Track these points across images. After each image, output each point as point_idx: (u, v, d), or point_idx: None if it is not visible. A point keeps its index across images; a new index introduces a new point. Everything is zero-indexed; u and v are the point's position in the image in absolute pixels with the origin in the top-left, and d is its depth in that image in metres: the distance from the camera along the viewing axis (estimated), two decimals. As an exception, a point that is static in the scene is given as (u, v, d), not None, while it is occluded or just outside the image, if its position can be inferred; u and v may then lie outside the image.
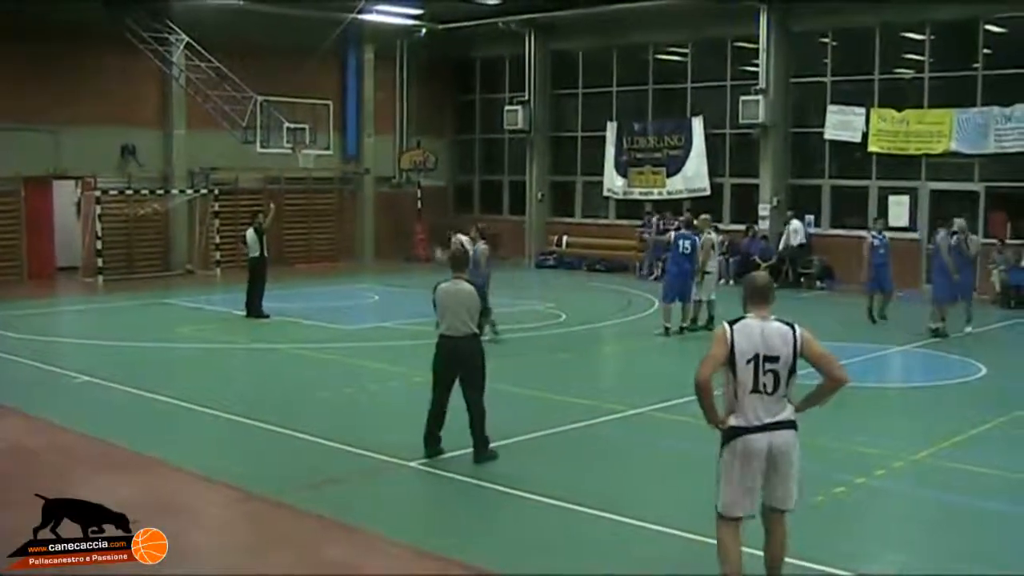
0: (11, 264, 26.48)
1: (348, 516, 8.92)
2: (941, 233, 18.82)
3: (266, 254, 20.60)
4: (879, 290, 19.79)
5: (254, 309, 20.22)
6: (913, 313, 20.06)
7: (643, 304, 22.87)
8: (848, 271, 26.14)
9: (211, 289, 25.60)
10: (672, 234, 19.36)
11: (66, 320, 22.06)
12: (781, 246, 26.80)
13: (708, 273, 18.91)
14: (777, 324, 6.80)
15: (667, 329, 18.46)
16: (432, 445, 10.51)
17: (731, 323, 6.83)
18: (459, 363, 10.39)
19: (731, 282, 26.16)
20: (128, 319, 21.35)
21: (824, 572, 7.73)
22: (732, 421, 6.77)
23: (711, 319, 18.70)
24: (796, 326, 6.82)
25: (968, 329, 18.72)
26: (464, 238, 17.60)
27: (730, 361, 6.69)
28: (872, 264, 19.62)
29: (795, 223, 26.79)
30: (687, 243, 18.62)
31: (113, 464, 10.65)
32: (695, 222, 19.63)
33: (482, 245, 17.28)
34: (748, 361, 6.68)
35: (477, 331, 10.45)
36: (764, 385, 6.69)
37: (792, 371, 6.73)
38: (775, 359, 6.68)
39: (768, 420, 6.71)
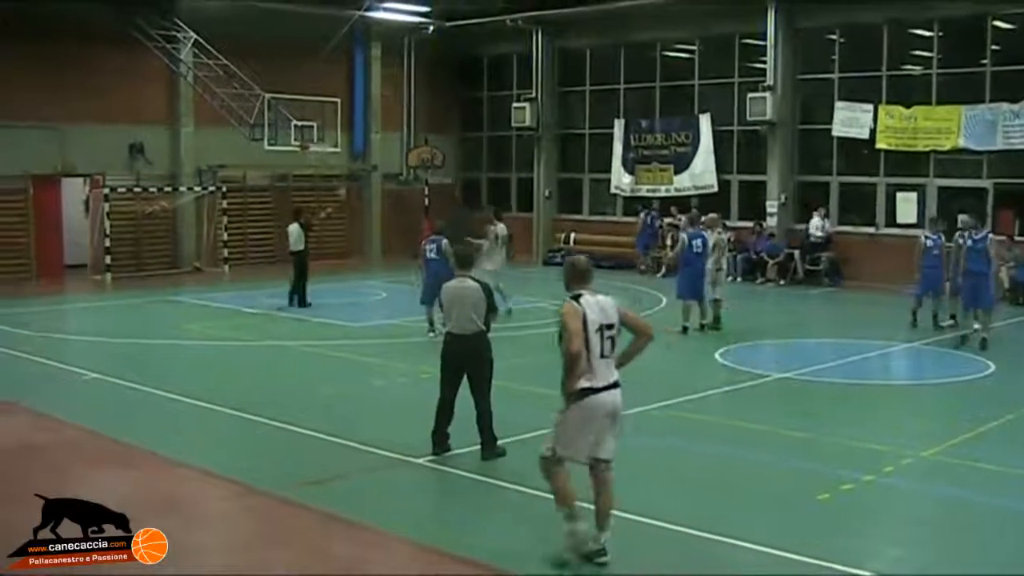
0: (20, 262, 26.52)
1: (355, 512, 8.93)
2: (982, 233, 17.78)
3: (308, 248, 21.71)
4: (930, 294, 18.98)
5: (299, 301, 21.28)
6: (922, 311, 19.98)
7: (651, 301, 22.84)
8: (855, 268, 26.21)
9: (219, 286, 25.63)
10: (683, 234, 19.25)
11: (75, 317, 22.11)
12: (815, 230, 26.62)
13: (719, 270, 18.87)
14: (603, 297, 7.84)
15: (685, 328, 18.35)
16: (440, 442, 10.52)
17: (574, 299, 7.72)
18: (467, 360, 10.41)
19: (738, 279, 26.22)
20: (136, 316, 21.40)
21: (831, 570, 7.70)
22: (585, 383, 7.53)
23: (716, 318, 18.69)
24: (612, 297, 7.90)
25: (976, 326, 18.69)
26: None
27: (586, 334, 7.53)
28: (923, 266, 18.75)
29: (813, 220, 26.63)
30: (698, 241, 18.55)
31: (120, 460, 10.68)
32: (703, 219, 19.57)
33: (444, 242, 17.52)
34: (596, 330, 7.59)
35: (484, 329, 10.46)
36: (605, 350, 7.63)
37: (619, 335, 7.74)
38: (611, 327, 7.69)
39: (611, 380, 7.66)
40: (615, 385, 7.69)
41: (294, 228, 21.69)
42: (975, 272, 17.26)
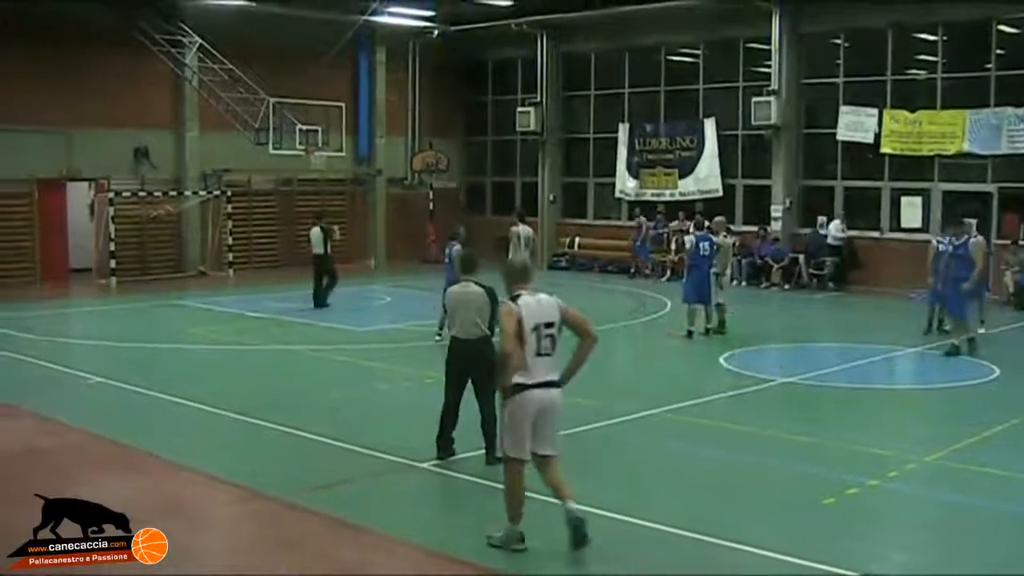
0: (25, 266, 26.55)
1: (359, 517, 8.92)
2: (963, 239, 17.15)
3: (330, 252, 22.11)
4: (940, 300, 18.36)
5: (320, 301, 21.73)
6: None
7: (655, 306, 22.86)
8: (860, 272, 26.18)
9: (223, 290, 25.65)
10: (690, 237, 19.17)
11: (79, 321, 22.14)
12: (837, 231, 26.38)
13: (719, 275, 18.80)
14: (544, 296, 8.05)
15: (690, 332, 18.34)
16: (445, 447, 10.51)
17: (512, 299, 7.95)
18: (471, 365, 10.38)
19: (743, 283, 26.20)
20: (141, 320, 21.41)
21: (836, 574, 7.70)
22: (519, 379, 7.79)
23: (721, 322, 18.65)
24: (554, 296, 8.09)
25: (981, 330, 18.69)
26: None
27: (520, 332, 7.78)
28: (935, 271, 17.88)
29: (834, 223, 26.48)
30: (706, 244, 18.50)
31: (124, 464, 10.69)
32: (707, 224, 19.50)
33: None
34: (533, 329, 7.81)
35: (489, 333, 10.45)
36: (545, 348, 7.88)
37: (560, 333, 7.97)
38: (551, 325, 7.92)
39: (548, 378, 7.89)
40: (551, 384, 7.91)
41: (315, 232, 22.08)
42: (955, 279, 16.73)
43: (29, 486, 8.28)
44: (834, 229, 26.37)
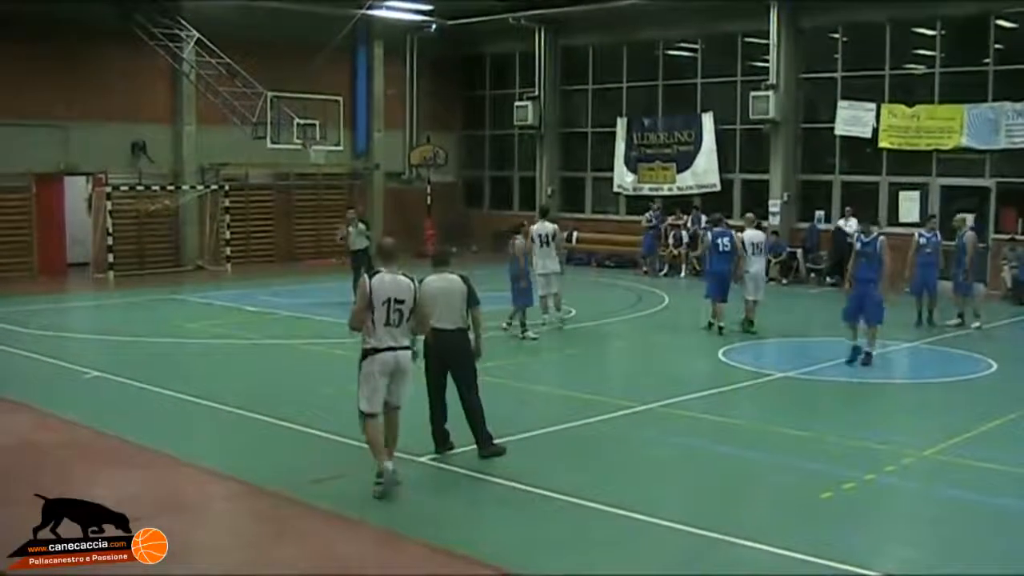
0: (22, 260, 26.56)
1: (357, 511, 8.93)
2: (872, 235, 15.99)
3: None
4: (926, 292, 18.89)
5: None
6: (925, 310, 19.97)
7: (652, 300, 22.86)
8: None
9: (221, 284, 25.64)
10: (710, 232, 18.91)
11: (77, 316, 22.13)
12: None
13: (747, 272, 18.47)
14: (403, 277, 9.34)
15: (710, 324, 18.11)
16: (442, 441, 10.49)
17: (370, 276, 9.29)
18: (450, 356, 10.28)
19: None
20: (139, 314, 21.39)
21: (833, 568, 7.70)
22: (370, 344, 9.18)
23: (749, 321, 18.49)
24: (415, 280, 9.44)
25: (975, 324, 18.71)
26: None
27: (370, 304, 9.11)
28: (916, 264, 18.64)
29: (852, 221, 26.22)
30: (726, 240, 18.25)
31: (123, 460, 10.68)
32: (704, 217, 19.43)
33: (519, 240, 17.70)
34: (383, 303, 9.14)
35: (469, 325, 10.37)
36: (393, 320, 9.19)
37: (412, 311, 9.28)
38: (402, 302, 9.22)
39: (394, 344, 9.22)
40: (400, 348, 9.23)
41: (363, 228, 22.08)
42: (861, 279, 15.37)
43: (28, 482, 8.29)
44: (848, 227, 25.96)
